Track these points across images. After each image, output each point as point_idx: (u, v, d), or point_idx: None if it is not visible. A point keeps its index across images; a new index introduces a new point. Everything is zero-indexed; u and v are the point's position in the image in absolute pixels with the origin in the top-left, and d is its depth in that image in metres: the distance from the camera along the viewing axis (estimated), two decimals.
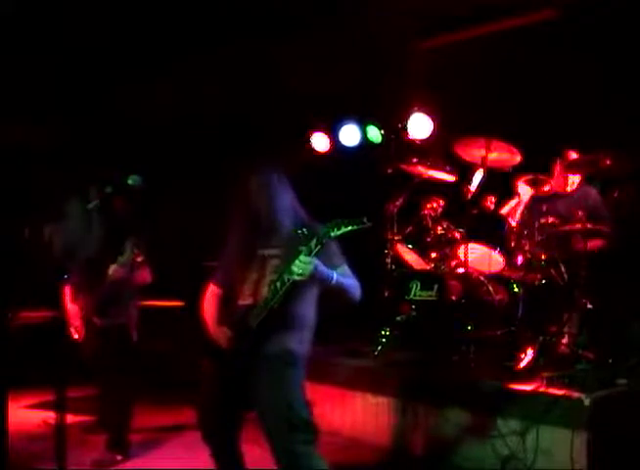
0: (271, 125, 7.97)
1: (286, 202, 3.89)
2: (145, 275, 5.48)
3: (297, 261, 3.50)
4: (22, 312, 7.49)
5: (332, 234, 3.49)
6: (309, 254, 3.50)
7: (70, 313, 5.36)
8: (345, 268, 3.83)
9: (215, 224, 4.21)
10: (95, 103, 8.42)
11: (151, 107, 8.20)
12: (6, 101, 7.51)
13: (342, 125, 7.59)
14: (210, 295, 4.08)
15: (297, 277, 3.53)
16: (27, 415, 6.33)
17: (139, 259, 5.14)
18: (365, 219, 3.46)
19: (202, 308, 4.06)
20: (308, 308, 3.86)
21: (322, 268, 3.61)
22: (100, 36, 7.39)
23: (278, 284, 3.64)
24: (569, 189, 6.11)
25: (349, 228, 3.48)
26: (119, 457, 5.22)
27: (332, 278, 3.66)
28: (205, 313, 4.03)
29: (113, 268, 5.13)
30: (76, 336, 5.33)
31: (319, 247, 3.51)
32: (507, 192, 6.37)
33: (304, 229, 3.60)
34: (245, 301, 3.84)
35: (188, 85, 8.08)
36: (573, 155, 5.96)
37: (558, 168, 6.08)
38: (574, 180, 6.09)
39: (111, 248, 5.19)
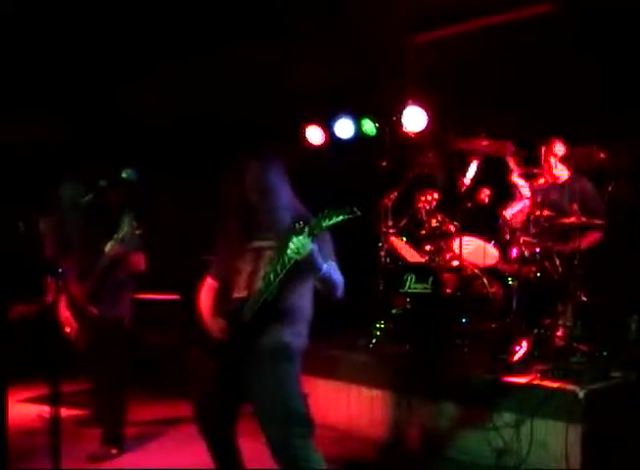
0: (267, 119, 7.95)
1: (282, 191, 3.87)
2: (139, 260, 5.35)
3: (294, 239, 3.47)
4: (14, 306, 7.47)
5: (324, 224, 3.49)
6: (308, 235, 3.49)
7: (63, 307, 5.33)
8: (334, 265, 3.79)
9: (212, 217, 4.20)
10: (93, 101, 8.41)
11: (145, 103, 8.19)
12: (4, 98, 7.49)
13: (336, 118, 7.58)
14: (207, 287, 4.06)
15: (294, 256, 3.50)
16: (22, 409, 6.31)
17: (137, 232, 5.08)
18: (355, 209, 3.46)
19: (198, 301, 4.06)
20: (304, 301, 3.85)
21: (317, 255, 3.58)
22: (99, 36, 7.38)
23: (271, 276, 3.62)
24: (560, 179, 6.08)
25: (340, 218, 3.47)
26: (114, 451, 5.21)
27: (321, 268, 3.63)
28: (202, 306, 4.02)
29: (110, 245, 5.07)
30: (68, 329, 5.29)
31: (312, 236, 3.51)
32: (501, 185, 6.34)
33: (300, 222, 3.59)
34: (240, 293, 3.82)
35: (184, 82, 8.07)
36: (559, 144, 5.95)
37: (544, 157, 6.04)
38: (563, 169, 6.06)
39: (104, 233, 5.12)
